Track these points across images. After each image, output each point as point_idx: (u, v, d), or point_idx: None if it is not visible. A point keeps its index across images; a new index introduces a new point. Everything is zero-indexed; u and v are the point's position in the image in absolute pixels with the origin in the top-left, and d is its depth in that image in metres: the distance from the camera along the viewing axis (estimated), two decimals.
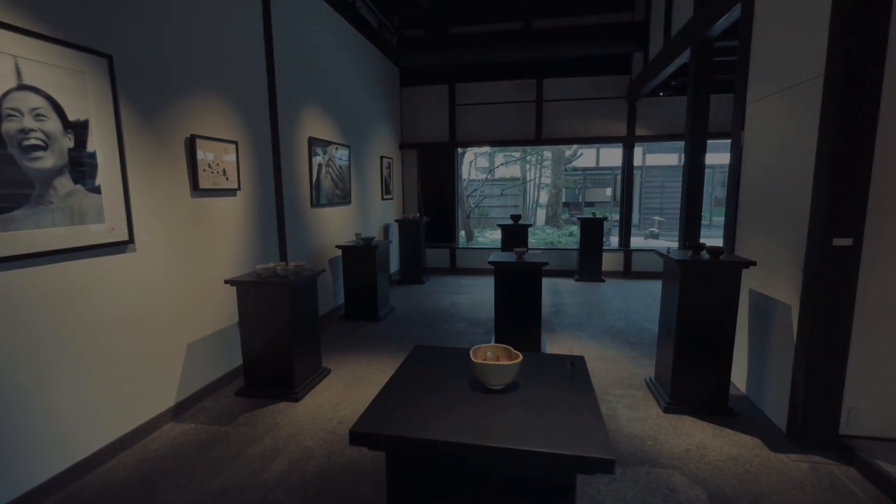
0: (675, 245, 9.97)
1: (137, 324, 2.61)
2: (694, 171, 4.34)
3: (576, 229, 13.67)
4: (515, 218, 5.91)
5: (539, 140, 7.50)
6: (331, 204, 5.15)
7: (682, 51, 4.51)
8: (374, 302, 5.06)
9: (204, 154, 3.12)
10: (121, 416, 2.52)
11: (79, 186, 2.21)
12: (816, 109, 2.41)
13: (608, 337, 4.45)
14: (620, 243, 7.59)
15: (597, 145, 15.29)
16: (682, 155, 16.43)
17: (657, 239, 12.21)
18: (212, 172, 3.21)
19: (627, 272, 7.40)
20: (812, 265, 2.43)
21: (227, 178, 3.36)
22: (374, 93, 6.48)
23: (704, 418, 2.85)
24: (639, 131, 7.15)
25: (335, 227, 5.30)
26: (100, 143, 2.31)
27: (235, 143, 3.44)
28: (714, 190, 16.61)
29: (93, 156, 2.27)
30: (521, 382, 1.74)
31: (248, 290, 3.14)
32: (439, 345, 4.26)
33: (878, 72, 2.23)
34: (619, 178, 18.56)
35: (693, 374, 2.90)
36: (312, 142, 4.66)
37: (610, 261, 7.33)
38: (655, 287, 6.58)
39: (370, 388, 3.35)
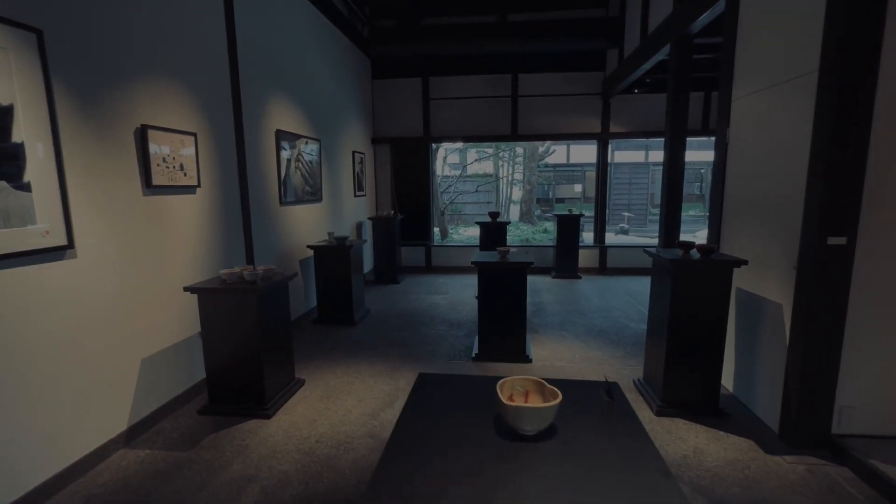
0: (646, 241, 10.16)
1: (82, 339, 2.29)
2: (674, 169, 4.31)
3: (550, 226, 13.79)
4: (493, 215, 5.78)
5: (515, 136, 7.39)
6: (300, 201, 4.85)
7: (661, 47, 4.46)
8: (349, 305, 4.81)
9: (158, 147, 2.80)
10: (63, 446, 2.20)
11: (3, 183, 1.89)
12: (810, 106, 2.35)
13: (591, 336, 4.38)
14: (595, 240, 7.59)
15: (570, 142, 15.42)
16: (647, 152, 16.71)
17: (627, 234, 12.40)
18: (167, 167, 2.89)
19: (603, 268, 7.41)
20: (806, 264, 2.38)
21: (185, 174, 3.05)
22: (345, 85, 6.18)
23: (697, 420, 2.78)
24: (613, 128, 7.15)
25: (306, 226, 5.01)
26: (28, 132, 1.98)
27: (194, 134, 3.12)
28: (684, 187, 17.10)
29: (19, 147, 1.95)
30: (556, 422, 1.50)
31: (211, 297, 2.85)
32: (420, 348, 4.07)
33: (874, 66, 2.18)
34: (587, 174, 18.86)
35: (684, 375, 2.83)
36: (280, 135, 4.36)
37: (585, 257, 7.31)
38: (631, 283, 6.61)
39: (349, 399, 3.12)
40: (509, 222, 6.00)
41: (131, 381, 2.63)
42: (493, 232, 5.69)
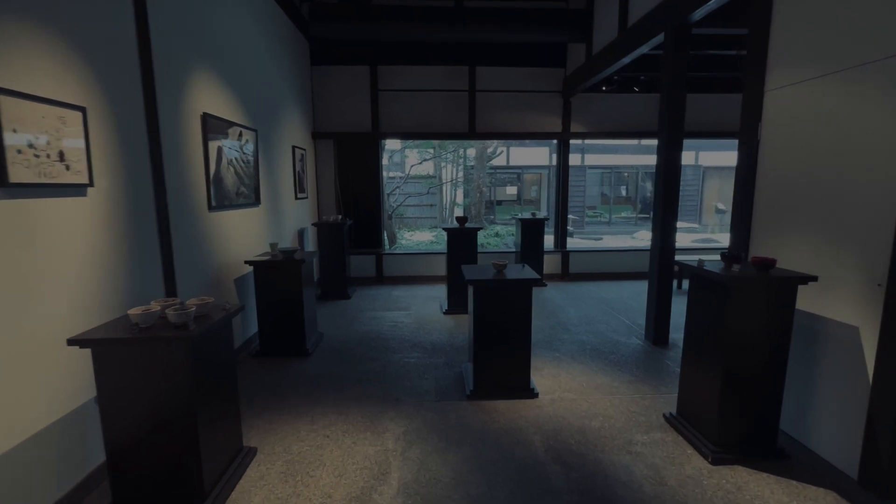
0: (590, 243, 10.03)
1: None
2: (670, 171, 3.97)
3: (501, 229, 13.47)
4: (462, 220, 5.15)
5: (473, 133, 6.82)
6: (235, 205, 3.86)
7: (650, 38, 4.11)
8: (301, 332, 3.91)
9: (18, 126, 1.80)
10: None
11: None
12: None
13: (587, 356, 3.90)
14: (556, 244, 7.26)
15: (530, 141, 15.23)
16: (584, 156, 17.05)
17: (572, 237, 12.43)
18: (37, 157, 1.89)
19: (566, 274, 7.09)
20: None
21: (67, 167, 2.05)
22: (283, 68, 5.20)
23: (757, 466, 2.36)
24: (574, 128, 6.85)
25: (242, 235, 4.01)
26: None
27: (82, 109, 2.13)
28: (613, 190, 17.72)
29: None
30: None
31: (116, 353, 1.90)
32: (397, 384, 3.32)
33: None
34: (525, 177, 18.95)
35: (740, 410, 2.40)
36: (209, 121, 3.36)
37: (546, 263, 6.94)
38: (598, 289, 6.33)
39: (324, 474, 2.31)
40: (480, 228, 5.41)
41: None
42: (462, 239, 5.07)
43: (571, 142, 7.05)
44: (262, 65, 4.57)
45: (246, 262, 3.78)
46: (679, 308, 4.67)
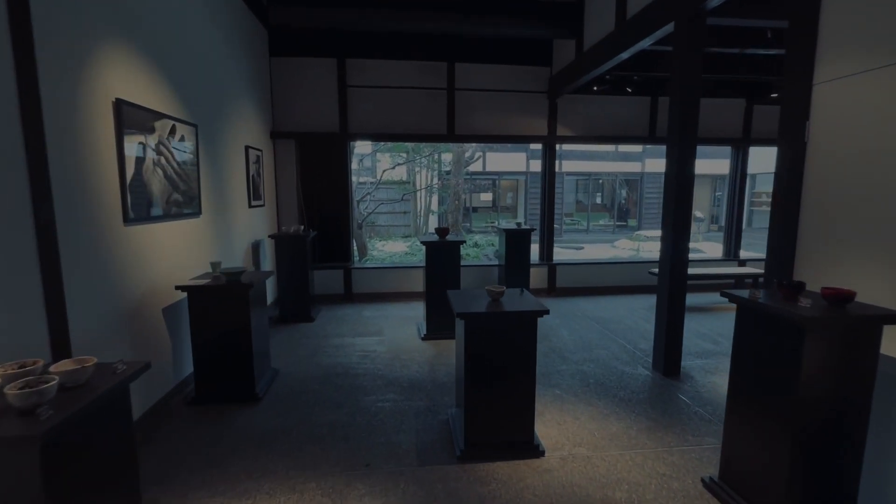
0: (571, 253, 9.46)
1: None
2: (683, 178, 3.48)
3: (480, 238, 12.88)
4: (442, 232, 4.53)
5: (452, 136, 6.24)
6: (165, 216, 3.12)
7: (654, 30, 3.64)
8: (248, 371, 3.19)
9: None
10: None
11: None
12: None
13: (591, 392, 3.35)
14: (542, 256, 6.75)
15: (513, 144, 14.78)
16: (560, 161, 16.74)
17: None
18: None
19: (552, 289, 6.58)
20: None
21: None
22: (235, 56, 4.47)
23: None
24: (560, 131, 6.37)
25: (175, 253, 3.27)
26: None
27: None
28: (590, 197, 17.55)
29: None
30: None
31: None
32: (369, 440, 2.66)
33: None
34: (501, 183, 18.56)
35: (814, 480, 1.87)
36: (126, 110, 2.63)
37: (532, 277, 6.40)
38: (588, 305, 5.84)
39: None
40: (464, 241, 4.81)
41: None
42: (443, 253, 4.46)
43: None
44: (208, 49, 3.85)
45: (177, 287, 3.04)
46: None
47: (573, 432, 2.80)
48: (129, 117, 2.68)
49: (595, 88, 5.95)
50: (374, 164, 13.15)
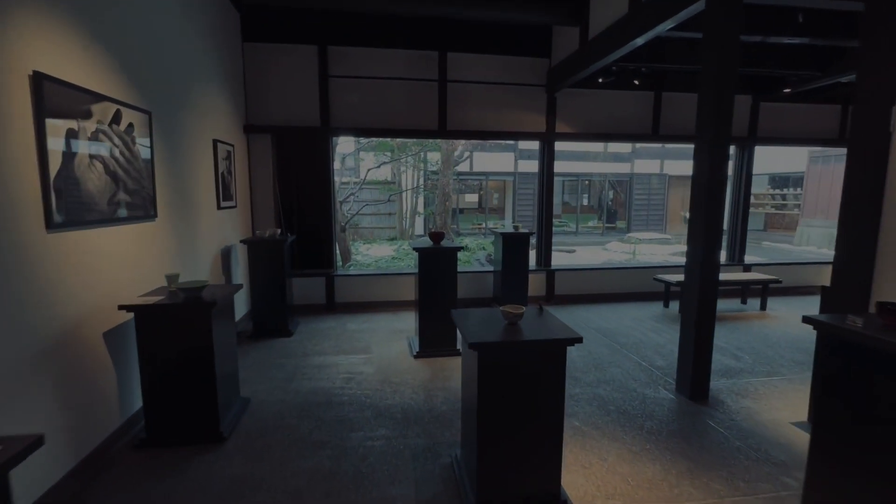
0: (566, 257, 8.89)
1: None
2: (715, 185, 3.07)
3: (471, 241, 12.37)
4: (436, 237, 4.05)
5: (444, 132, 5.76)
6: (107, 220, 2.56)
7: (680, 9, 3.23)
8: (212, 404, 2.66)
9: None
10: None
11: None
12: None
13: (614, 423, 2.91)
14: (539, 262, 6.32)
15: (510, 141, 14.33)
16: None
17: None
18: None
19: (551, 297, 6.16)
20: None
21: None
22: (200, 37, 3.91)
23: None
24: (559, 127, 5.95)
25: (122, 265, 2.71)
26: None
27: None
28: (579, 199, 17.28)
29: None
30: None
31: None
32: (357, 494, 2.16)
33: None
34: (488, 184, 18.15)
35: None
36: (49, 88, 2.08)
37: (529, 284, 5.96)
38: (591, 315, 5.44)
39: None
40: (462, 248, 4.34)
41: None
42: (438, 261, 3.98)
43: (535, 147, 6.14)
44: (165, 25, 3.29)
45: (121, 307, 2.48)
46: (671, 336, 3.78)
47: (603, 479, 2.35)
48: (53, 97, 2.13)
49: (600, 80, 5.55)
50: (357, 164, 12.57)
